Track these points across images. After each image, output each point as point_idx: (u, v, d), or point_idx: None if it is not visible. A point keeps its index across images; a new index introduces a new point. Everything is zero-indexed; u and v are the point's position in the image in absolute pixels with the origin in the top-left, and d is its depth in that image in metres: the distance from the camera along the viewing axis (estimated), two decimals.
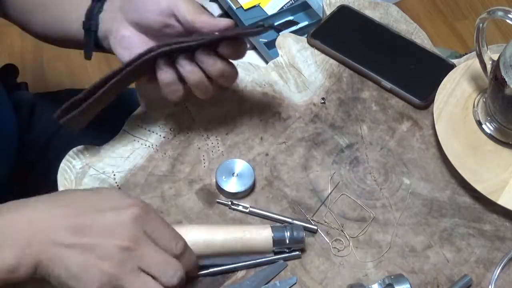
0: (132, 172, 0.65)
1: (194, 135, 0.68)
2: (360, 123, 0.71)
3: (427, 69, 0.75)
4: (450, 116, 0.69)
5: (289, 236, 0.58)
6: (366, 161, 0.68)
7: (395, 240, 0.62)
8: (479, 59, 0.68)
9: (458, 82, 0.72)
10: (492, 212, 0.65)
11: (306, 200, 0.65)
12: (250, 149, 0.68)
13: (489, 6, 0.66)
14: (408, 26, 0.80)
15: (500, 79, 0.62)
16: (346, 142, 0.69)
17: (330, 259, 0.61)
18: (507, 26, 1.72)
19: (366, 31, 0.78)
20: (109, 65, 1.73)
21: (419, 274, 0.60)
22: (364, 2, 0.81)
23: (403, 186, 0.66)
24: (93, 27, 0.63)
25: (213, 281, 0.59)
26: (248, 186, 0.63)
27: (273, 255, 0.59)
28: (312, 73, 0.74)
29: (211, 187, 0.64)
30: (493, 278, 0.60)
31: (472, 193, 0.66)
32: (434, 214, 0.64)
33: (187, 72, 0.59)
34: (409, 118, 0.72)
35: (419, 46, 0.77)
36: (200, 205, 0.63)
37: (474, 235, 0.63)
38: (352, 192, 0.66)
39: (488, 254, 0.62)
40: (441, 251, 0.62)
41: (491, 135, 0.69)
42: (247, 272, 0.60)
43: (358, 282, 0.59)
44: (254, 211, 0.63)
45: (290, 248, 0.59)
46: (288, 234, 0.58)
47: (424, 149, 0.69)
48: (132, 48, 0.61)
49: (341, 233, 0.63)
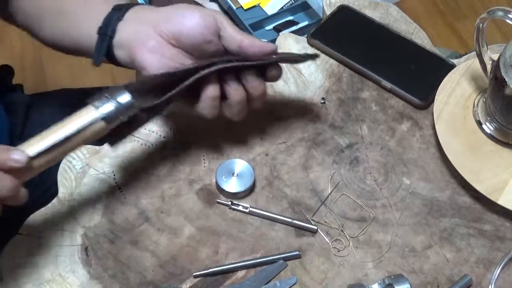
0: (132, 172, 0.65)
1: (194, 135, 0.68)
2: (360, 123, 0.71)
3: (427, 69, 0.75)
4: (450, 116, 0.69)
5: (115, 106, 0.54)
6: (366, 161, 0.68)
7: (395, 240, 0.63)
8: (479, 59, 0.68)
9: (458, 82, 0.72)
10: (492, 212, 0.65)
11: (306, 200, 0.65)
12: (250, 149, 0.68)
13: (489, 6, 0.66)
14: (408, 26, 0.80)
15: (500, 79, 0.62)
16: (346, 142, 0.69)
17: (330, 259, 0.61)
18: (507, 26, 1.71)
19: (366, 31, 0.78)
20: (109, 65, 1.73)
21: (419, 274, 0.60)
22: (364, 2, 0.81)
23: (403, 186, 0.66)
24: (109, 32, 0.62)
25: (213, 281, 0.59)
26: (248, 186, 0.64)
27: (274, 257, 0.59)
28: (312, 73, 0.74)
29: (211, 187, 0.65)
30: (493, 278, 0.60)
31: (472, 193, 0.66)
32: (434, 214, 0.64)
33: (233, 90, 0.59)
34: (409, 118, 0.72)
35: (419, 46, 0.77)
36: (200, 205, 0.64)
37: (474, 235, 0.63)
38: (352, 192, 0.66)
39: (488, 254, 0.62)
40: (441, 251, 0.62)
41: (491, 135, 0.69)
42: (247, 272, 0.60)
43: (358, 282, 0.59)
44: (254, 211, 0.63)
45: (129, 120, 0.55)
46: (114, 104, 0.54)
47: (424, 149, 0.69)
48: (161, 55, 0.59)
49: (341, 233, 0.63)
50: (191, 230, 0.62)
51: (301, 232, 0.63)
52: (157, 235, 0.61)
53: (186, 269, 0.60)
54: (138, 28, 0.61)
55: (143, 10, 0.63)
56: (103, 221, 0.62)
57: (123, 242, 0.61)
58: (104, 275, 0.59)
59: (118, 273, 0.59)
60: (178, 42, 0.60)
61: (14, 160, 0.49)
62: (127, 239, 0.61)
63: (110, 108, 0.53)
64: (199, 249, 0.61)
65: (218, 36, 0.60)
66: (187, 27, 0.59)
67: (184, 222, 0.62)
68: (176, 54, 0.60)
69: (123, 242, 0.61)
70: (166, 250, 0.61)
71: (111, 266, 0.59)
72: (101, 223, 0.62)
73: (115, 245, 0.61)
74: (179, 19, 0.60)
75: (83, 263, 0.59)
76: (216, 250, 0.61)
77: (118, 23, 0.61)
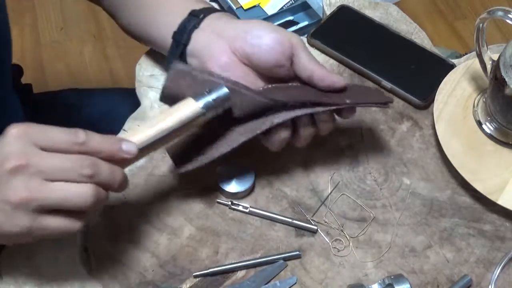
0: (132, 172, 0.65)
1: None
2: (360, 123, 0.71)
3: (427, 69, 0.75)
4: (450, 116, 0.69)
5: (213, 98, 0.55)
6: (366, 161, 0.68)
7: (395, 240, 0.63)
8: (479, 59, 0.68)
9: (458, 82, 0.72)
10: (492, 212, 0.65)
11: (306, 200, 0.65)
12: (250, 149, 0.67)
13: (489, 6, 0.66)
14: (408, 26, 0.80)
15: (500, 79, 0.62)
16: (346, 142, 0.69)
17: (330, 259, 0.61)
18: (507, 26, 1.71)
19: (366, 31, 0.78)
20: (109, 65, 1.73)
21: (419, 274, 0.60)
22: (364, 2, 0.81)
23: (403, 186, 0.66)
24: (183, 41, 0.61)
25: (213, 281, 0.59)
26: (248, 186, 0.64)
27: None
28: None
29: (211, 187, 0.65)
30: (493, 278, 0.60)
31: (472, 193, 0.66)
32: (434, 214, 0.64)
33: (304, 126, 0.60)
34: (409, 118, 0.72)
35: (419, 46, 0.77)
36: (200, 205, 0.64)
37: (474, 235, 0.63)
38: (352, 192, 0.66)
39: (488, 254, 0.62)
40: (441, 251, 0.62)
41: (491, 135, 0.69)
42: (247, 272, 0.60)
43: (358, 282, 0.59)
44: (254, 211, 0.63)
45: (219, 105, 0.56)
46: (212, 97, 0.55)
47: (424, 149, 0.69)
48: (231, 73, 0.59)
49: (341, 233, 0.63)
50: (191, 230, 0.62)
51: (301, 232, 0.63)
52: (157, 235, 0.61)
53: (186, 269, 0.60)
54: (213, 40, 0.60)
55: (220, 20, 0.62)
56: (103, 221, 0.62)
57: (123, 242, 0.61)
58: (104, 275, 0.59)
59: (118, 273, 0.59)
60: (250, 62, 0.59)
61: (125, 152, 0.50)
62: (127, 239, 0.61)
63: (208, 100, 0.55)
64: (199, 249, 0.61)
65: (291, 61, 0.60)
66: (263, 50, 0.59)
67: (184, 222, 0.62)
68: (247, 73, 0.60)
69: (123, 242, 0.61)
70: (166, 250, 0.61)
71: (111, 266, 0.59)
72: (101, 223, 0.62)
73: (115, 245, 0.61)
74: (255, 40, 0.59)
75: (83, 263, 0.59)
76: (216, 250, 0.61)
77: (194, 31, 0.61)
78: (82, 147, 0.48)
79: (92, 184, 0.48)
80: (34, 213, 0.46)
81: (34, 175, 0.46)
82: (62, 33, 1.81)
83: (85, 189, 0.47)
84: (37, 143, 0.47)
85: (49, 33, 1.81)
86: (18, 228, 0.46)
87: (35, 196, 0.46)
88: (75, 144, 0.48)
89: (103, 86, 1.46)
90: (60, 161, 0.47)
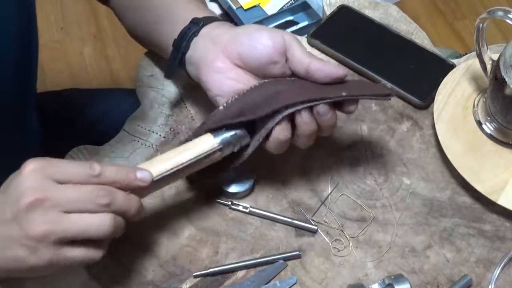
0: None
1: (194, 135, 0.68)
2: (360, 123, 0.71)
3: (427, 69, 0.75)
4: (450, 116, 0.69)
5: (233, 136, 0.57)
6: (366, 161, 0.68)
7: (395, 240, 0.63)
8: (479, 59, 0.68)
9: (458, 82, 0.72)
10: (492, 212, 0.65)
11: (306, 200, 0.65)
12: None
13: (489, 6, 0.66)
14: (408, 26, 0.80)
15: (500, 79, 0.62)
16: (346, 142, 0.69)
17: (330, 259, 0.61)
18: (507, 26, 1.71)
19: (366, 31, 0.78)
20: (109, 65, 1.73)
21: (419, 274, 0.60)
22: (364, 2, 0.81)
23: (403, 186, 0.66)
24: (182, 49, 0.61)
25: (213, 281, 0.59)
26: (248, 186, 0.64)
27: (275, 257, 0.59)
28: None
29: (211, 187, 0.64)
30: (493, 278, 0.60)
31: (472, 193, 0.66)
32: (434, 214, 0.64)
33: (305, 124, 0.57)
34: (409, 118, 0.72)
35: (419, 46, 0.77)
36: (200, 205, 0.64)
37: (474, 235, 0.63)
38: (352, 192, 0.66)
39: (488, 254, 0.62)
40: (441, 251, 0.62)
41: (491, 135, 0.69)
42: (247, 272, 0.60)
43: (358, 282, 0.59)
44: (254, 211, 0.63)
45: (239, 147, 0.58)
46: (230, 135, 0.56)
47: (424, 149, 0.69)
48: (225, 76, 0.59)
49: (341, 233, 0.63)
50: (191, 230, 0.62)
51: (301, 232, 0.63)
52: (157, 235, 0.61)
53: (186, 269, 0.60)
54: (208, 47, 0.60)
55: (219, 29, 0.61)
56: None
57: (123, 242, 0.61)
58: (104, 275, 0.59)
59: (118, 273, 0.59)
60: (243, 62, 0.59)
61: (140, 180, 0.51)
62: (127, 240, 0.61)
63: (226, 137, 0.56)
64: (199, 249, 0.61)
65: (285, 57, 0.58)
66: (253, 47, 0.58)
67: (184, 222, 0.62)
68: (241, 74, 0.59)
69: (123, 242, 0.61)
70: (166, 250, 0.61)
71: (111, 266, 0.59)
72: None
73: (115, 245, 0.60)
74: (246, 38, 0.58)
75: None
76: (216, 250, 0.61)
77: (193, 39, 0.61)
78: (98, 179, 0.49)
79: (110, 213, 0.49)
80: (55, 246, 0.47)
81: (52, 208, 0.47)
82: (62, 33, 1.81)
83: (103, 218, 0.48)
84: (53, 177, 0.48)
85: (49, 33, 1.81)
86: (42, 261, 0.47)
87: (54, 229, 0.47)
88: (91, 176, 0.49)
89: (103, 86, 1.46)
90: (76, 193, 0.48)
